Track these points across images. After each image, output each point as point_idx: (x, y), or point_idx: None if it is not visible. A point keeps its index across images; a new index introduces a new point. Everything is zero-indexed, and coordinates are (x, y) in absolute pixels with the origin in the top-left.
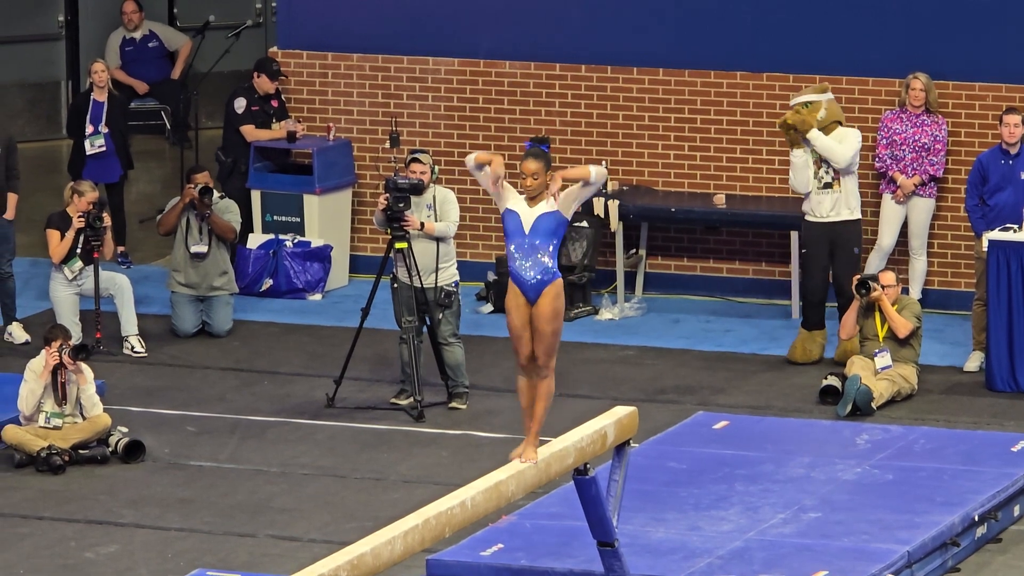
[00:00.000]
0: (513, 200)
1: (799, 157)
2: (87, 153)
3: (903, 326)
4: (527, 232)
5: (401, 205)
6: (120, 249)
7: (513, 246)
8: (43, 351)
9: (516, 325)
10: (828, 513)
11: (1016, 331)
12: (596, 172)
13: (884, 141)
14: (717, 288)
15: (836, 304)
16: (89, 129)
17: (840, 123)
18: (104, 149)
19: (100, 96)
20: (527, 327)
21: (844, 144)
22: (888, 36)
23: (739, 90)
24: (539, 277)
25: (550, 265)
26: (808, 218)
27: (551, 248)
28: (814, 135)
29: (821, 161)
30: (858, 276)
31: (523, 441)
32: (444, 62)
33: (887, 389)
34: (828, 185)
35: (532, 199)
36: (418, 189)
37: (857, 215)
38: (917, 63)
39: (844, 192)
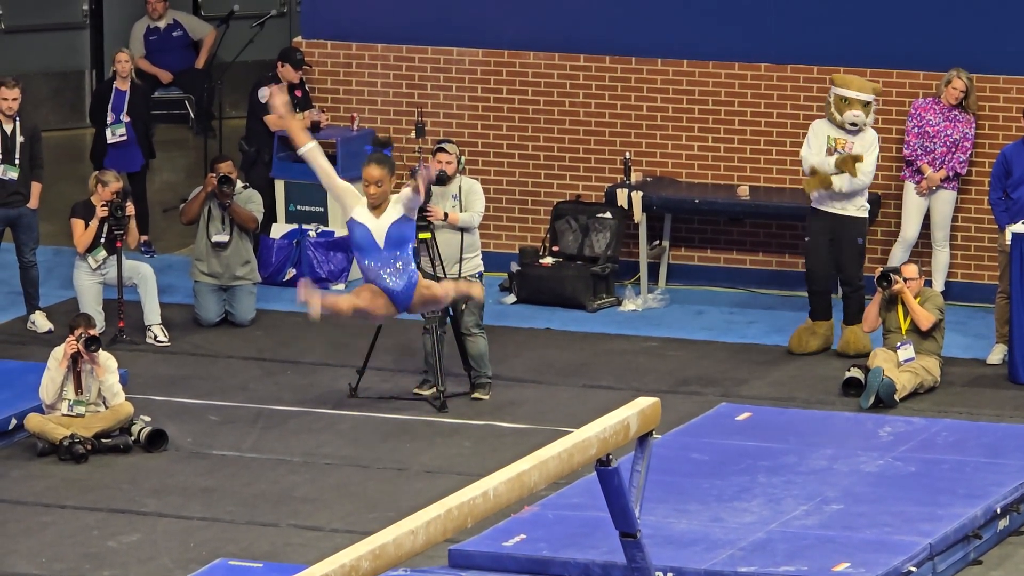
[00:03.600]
0: (359, 209)
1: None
2: (108, 142)
3: (926, 319)
4: (382, 246)
5: None
6: (144, 238)
7: (369, 260)
8: (68, 338)
9: (376, 309)
10: (850, 505)
11: None
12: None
13: (915, 130)
14: (740, 280)
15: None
16: (110, 118)
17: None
18: (125, 138)
19: (123, 85)
20: (385, 312)
21: (871, 162)
22: (913, 28)
23: (763, 82)
24: (404, 283)
25: (412, 268)
26: (814, 205)
27: (409, 253)
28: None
29: (835, 151)
30: (880, 269)
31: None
32: (468, 52)
33: (910, 381)
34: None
35: (376, 207)
36: (440, 179)
37: (864, 213)
38: (941, 55)
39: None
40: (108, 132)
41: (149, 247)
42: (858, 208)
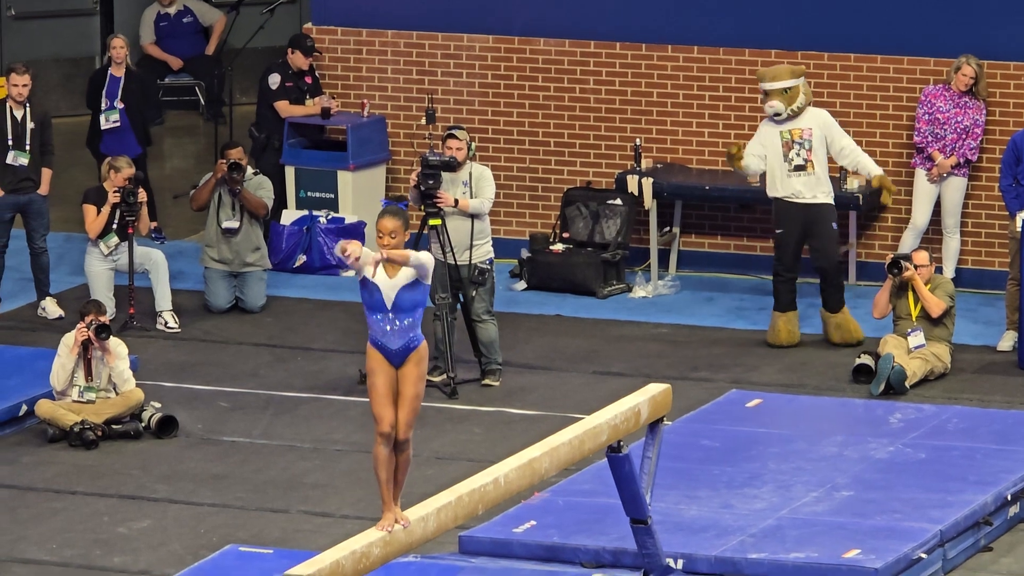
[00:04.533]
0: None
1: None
2: (101, 128)
3: (936, 306)
4: (389, 308)
5: (431, 182)
6: (153, 225)
7: (375, 317)
8: (79, 325)
9: (381, 386)
10: (861, 492)
11: None
12: (416, 257)
13: (926, 116)
14: (751, 266)
15: (818, 282)
16: (104, 104)
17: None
18: (119, 124)
19: (117, 72)
20: (392, 389)
21: (847, 139)
22: (924, 14)
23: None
24: (403, 345)
25: (414, 333)
26: (779, 196)
27: (415, 317)
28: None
29: (792, 143)
30: (891, 255)
31: (384, 511)
32: (479, 39)
33: (920, 368)
34: (800, 167)
35: (390, 264)
36: (450, 166)
37: (832, 200)
38: (953, 42)
39: (819, 175)
40: (102, 118)
41: (159, 233)
42: (827, 195)
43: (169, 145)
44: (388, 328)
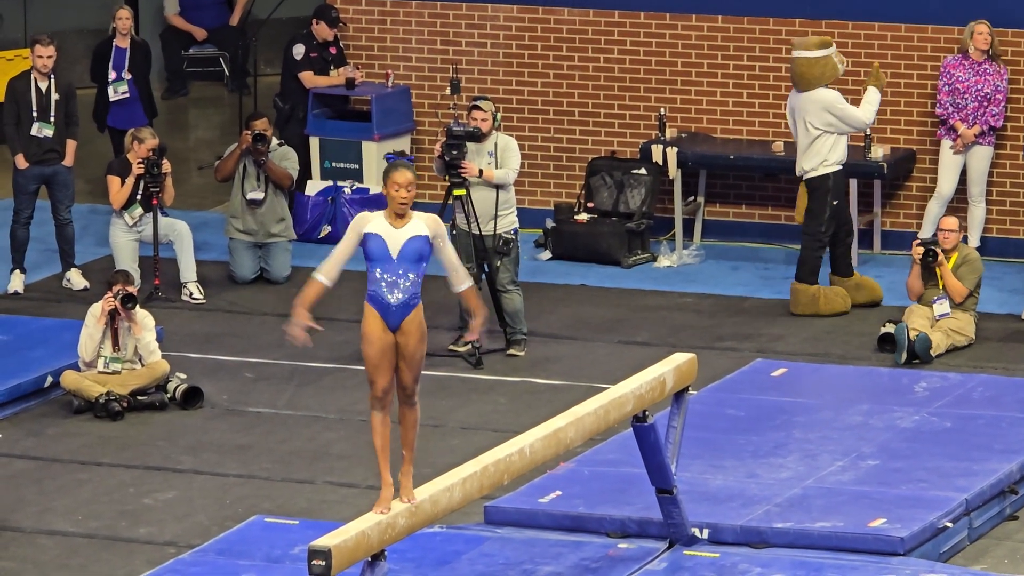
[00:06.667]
0: (373, 223)
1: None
2: (110, 99)
3: (958, 293)
4: (395, 258)
5: (456, 152)
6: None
7: (378, 270)
8: (106, 295)
9: (374, 354)
10: (886, 461)
11: None
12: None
13: (946, 88)
14: (775, 235)
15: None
16: (112, 76)
17: None
18: (127, 95)
19: (123, 43)
20: (386, 356)
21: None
22: None
23: (798, 37)
24: (402, 301)
25: (415, 291)
26: (840, 168)
27: (419, 273)
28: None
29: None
30: (919, 239)
31: (383, 486)
32: (503, 9)
33: (942, 341)
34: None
35: (400, 217)
36: (474, 136)
37: None
38: (975, 10)
39: None
40: (110, 90)
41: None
42: None
43: (194, 116)
44: (390, 280)
